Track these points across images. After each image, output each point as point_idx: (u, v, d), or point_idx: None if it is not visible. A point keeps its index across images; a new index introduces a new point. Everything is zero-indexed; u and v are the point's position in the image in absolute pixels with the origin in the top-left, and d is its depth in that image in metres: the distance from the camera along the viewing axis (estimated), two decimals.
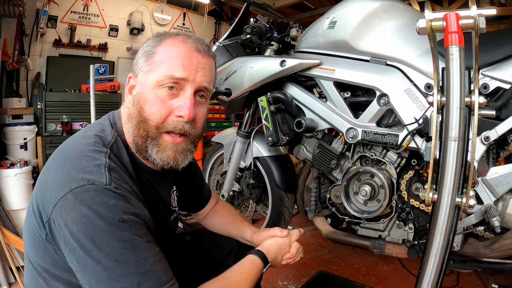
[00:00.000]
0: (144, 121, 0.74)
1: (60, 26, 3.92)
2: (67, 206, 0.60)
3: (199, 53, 0.76)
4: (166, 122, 0.74)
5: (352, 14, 1.42)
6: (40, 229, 0.66)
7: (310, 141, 1.65)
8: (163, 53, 0.74)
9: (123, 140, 0.77)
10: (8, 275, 1.71)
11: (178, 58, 0.73)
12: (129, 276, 0.59)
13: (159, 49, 0.75)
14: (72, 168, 0.64)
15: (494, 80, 1.15)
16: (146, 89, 0.74)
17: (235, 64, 1.75)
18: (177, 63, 0.73)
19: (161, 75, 0.72)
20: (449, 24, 0.70)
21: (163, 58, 0.74)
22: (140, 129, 0.74)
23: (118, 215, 0.61)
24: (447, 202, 0.70)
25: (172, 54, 0.73)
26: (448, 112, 0.70)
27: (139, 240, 0.62)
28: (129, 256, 0.60)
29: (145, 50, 0.77)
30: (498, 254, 1.14)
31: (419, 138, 1.25)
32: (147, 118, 0.73)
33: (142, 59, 0.76)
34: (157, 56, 0.74)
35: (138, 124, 0.74)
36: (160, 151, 0.75)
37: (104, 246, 0.59)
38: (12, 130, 2.90)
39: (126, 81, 0.80)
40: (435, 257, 0.72)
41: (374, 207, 1.40)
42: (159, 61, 0.74)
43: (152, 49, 0.76)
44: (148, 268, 0.61)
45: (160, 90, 0.73)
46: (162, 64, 0.73)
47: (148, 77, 0.74)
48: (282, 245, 0.95)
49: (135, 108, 0.75)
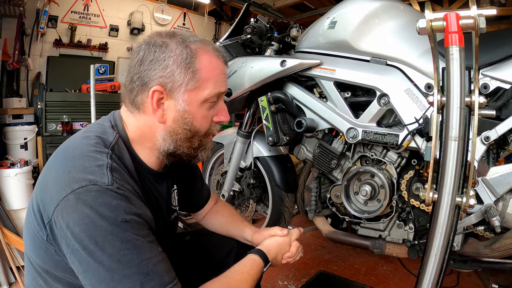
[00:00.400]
0: (196, 134, 0.79)
1: (60, 26, 3.93)
2: (68, 207, 0.60)
3: (225, 65, 0.82)
4: (210, 129, 0.82)
5: (352, 14, 1.42)
6: (41, 230, 0.65)
7: (310, 141, 1.65)
8: (206, 69, 0.75)
9: (125, 141, 0.77)
10: (8, 275, 1.71)
11: (220, 74, 0.78)
12: (131, 276, 0.59)
13: (200, 65, 0.74)
14: (73, 168, 0.64)
15: (494, 80, 1.15)
16: (194, 107, 0.76)
17: (236, 64, 1.75)
18: (221, 79, 0.78)
19: (211, 93, 0.76)
20: (449, 24, 0.70)
21: (208, 75, 0.76)
22: (192, 142, 0.79)
23: (120, 216, 0.61)
24: (447, 202, 0.70)
25: (215, 70, 0.77)
26: (448, 112, 0.70)
27: (142, 241, 0.62)
28: (131, 257, 0.60)
29: (180, 62, 0.73)
30: (498, 254, 1.14)
31: (420, 138, 1.25)
32: (198, 131, 0.79)
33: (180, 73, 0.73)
34: (201, 72, 0.75)
35: (189, 139, 0.79)
36: (206, 151, 0.85)
37: (106, 246, 0.59)
38: (13, 130, 2.90)
39: (150, 95, 0.73)
40: (435, 257, 0.72)
41: (374, 207, 1.40)
42: (205, 78, 0.75)
43: (191, 63, 0.73)
44: (150, 268, 0.61)
45: (206, 104, 0.77)
46: (208, 81, 0.76)
47: (196, 94, 0.75)
48: (282, 244, 0.95)
49: (178, 125, 0.76)
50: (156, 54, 0.72)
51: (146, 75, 0.72)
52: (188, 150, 0.80)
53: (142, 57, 0.73)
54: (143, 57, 0.73)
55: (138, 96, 0.74)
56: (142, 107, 0.75)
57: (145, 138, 0.78)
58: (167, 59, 0.72)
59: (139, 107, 0.75)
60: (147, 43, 0.75)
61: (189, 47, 0.74)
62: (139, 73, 0.73)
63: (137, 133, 0.78)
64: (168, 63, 0.72)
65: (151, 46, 0.73)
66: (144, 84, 0.73)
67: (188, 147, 0.79)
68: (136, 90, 0.74)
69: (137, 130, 0.78)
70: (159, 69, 0.72)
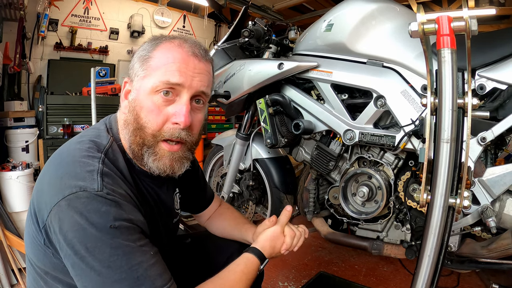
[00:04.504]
0: (141, 129, 0.73)
1: (61, 30, 3.96)
2: (61, 212, 0.61)
3: (196, 58, 0.74)
4: (162, 130, 0.73)
5: (348, 16, 1.43)
6: (38, 234, 0.67)
7: (308, 143, 1.66)
8: (159, 57, 0.73)
9: (119, 145, 0.77)
10: (10, 276, 1.73)
11: (174, 63, 0.72)
12: (121, 282, 0.60)
13: (155, 54, 0.74)
14: (65, 174, 0.65)
15: (491, 81, 1.15)
16: (141, 95, 0.73)
17: (234, 67, 1.76)
18: (173, 68, 0.72)
19: (156, 81, 0.71)
20: (441, 26, 0.70)
21: (158, 63, 0.73)
22: (136, 136, 0.74)
23: (109, 222, 0.61)
24: (440, 203, 0.70)
25: (167, 59, 0.72)
26: (440, 114, 0.70)
27: (132, 246, 0.63)
28: (121, 262, 0.61)
29: (140, 55, 0.76)
30: (495, 254, 1.14)
31: (416, 139, 1.25)
32: (143, 126, 0.73)
33: (137, 63, 0.75)
34: (152, 60, 0.73)
35: (135, 132, 0.74)
36: (156, 160, 0.74)
37: (96, 253, 0.60)
38: (14, 133, 2.92)
39: (122, 85, 0.80)
40: (429, 257, 0.72)
41: (371, 208, 1.40)
42: (154, 66, 0.73)
43: (147, 53, 0.74)
44: (141, 273, 0.62)
45: (155, 96, 0.72)
46: (157, 69, 0.72)
47: (144, 82, 0.73)
48: (275, 236, 0.91)
49: (131, 115, 0.75)
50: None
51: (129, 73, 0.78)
52: (136, 147, 0.74)
53: None
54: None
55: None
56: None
57: None
58: (136, 54, 0.77)
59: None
60: None
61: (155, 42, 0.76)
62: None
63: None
64: (136, 57, 0.77)
65: None
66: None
67: (136, 144, 0.74)
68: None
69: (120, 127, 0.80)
70: (131, 65, 0.78)
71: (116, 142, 0.77)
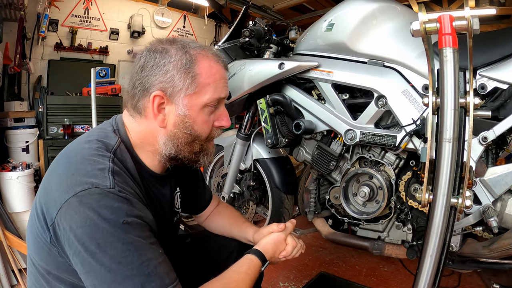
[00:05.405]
0: (197, 139, 0.80)
1: (61, 30, 3.95)
2: (71, 209, 0.61)
3: (226, 70, 0.83)
4: (211, 133, 0.83)
5: (349, 16, 1.42)
6: (44, 233, 0.66)
7: (309, 143, 1.66)
8: (206, 74, 0.77)
9: (127, 145, 0.78)
10: (10, 277, 1.73)
11: (221, 79, 0.79)
12: (132, 278, 0.60)
13: (200, 70, 0.76)
14: (76, 172, 0.65)
15: (492, 80, 1.15)
16: (194, 111, 0.77)
17: (235, 67, 1.75)
18: (221, 85, 0.79)
19: (210, 97, 0.77)
20: (442, 26, 0.70)
21: (208, 80, 0.77)
22: (192, 146, 0.81)
23: (122, 218, 0.62)
24: (442, 203, 0.70)
25: (215, 76, 0.78)
26: (442, 114, 0.70)
27: (143, 242, 0.64)
28: (132, 258, 0.61)
29: (180, 67, 0.74)
30: (497, 254, 1.14)
31: (417, 139, 1.25)
32: (198, 136, 0.80)
33: (180, 80, 0.74)
34: (201, 77, 0.76)
35: (190, 144, 0.80)
36: (209, 156, 0.86)
37: (108, 248, 0.60)
38: (14, 133, 2.92)
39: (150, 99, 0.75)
40: (431, 257, 0.72)
41: (373, 208, 1.40)
42: (204, 83, 0.76)
43: (190, 68, 0.75)
44: (151, 270, 0.62)
45: (206, 109, 0.79)
46: (207, 86, 0.77)
47: (196, 99, 0.76)
48: (279, 241, 0.95)
49: (179, 130, 0.77)
50: (157, 60, 0.75)
51: (147, 81, 0.75)
52: (190, 155, 0.81)
53: (143, 63, 0.76)
54: (144, 63, 0.75)
55: (140, 101, 0.77)
56: (143, 112, 0.77)
57: (146, 143, 0.80)
58: (167, 65, 0.74)
59: (140, 112, 0.77)
60: (148, 50, 0.77)
61: (188, 53, 0.76)
62: (141, 78, 0.75)
63: (139, 138, 0.80)
64: (168, 68, 0.74)
65: (151, 53, 0.76)
66: (145, 90, 0.75)
67: (189, 152, 0.80)
68: (137, 95, 0.77)
69: (139, 134, 0.79)
70: (160, 74, 0.74)
71: (124, 143, 0.78)
